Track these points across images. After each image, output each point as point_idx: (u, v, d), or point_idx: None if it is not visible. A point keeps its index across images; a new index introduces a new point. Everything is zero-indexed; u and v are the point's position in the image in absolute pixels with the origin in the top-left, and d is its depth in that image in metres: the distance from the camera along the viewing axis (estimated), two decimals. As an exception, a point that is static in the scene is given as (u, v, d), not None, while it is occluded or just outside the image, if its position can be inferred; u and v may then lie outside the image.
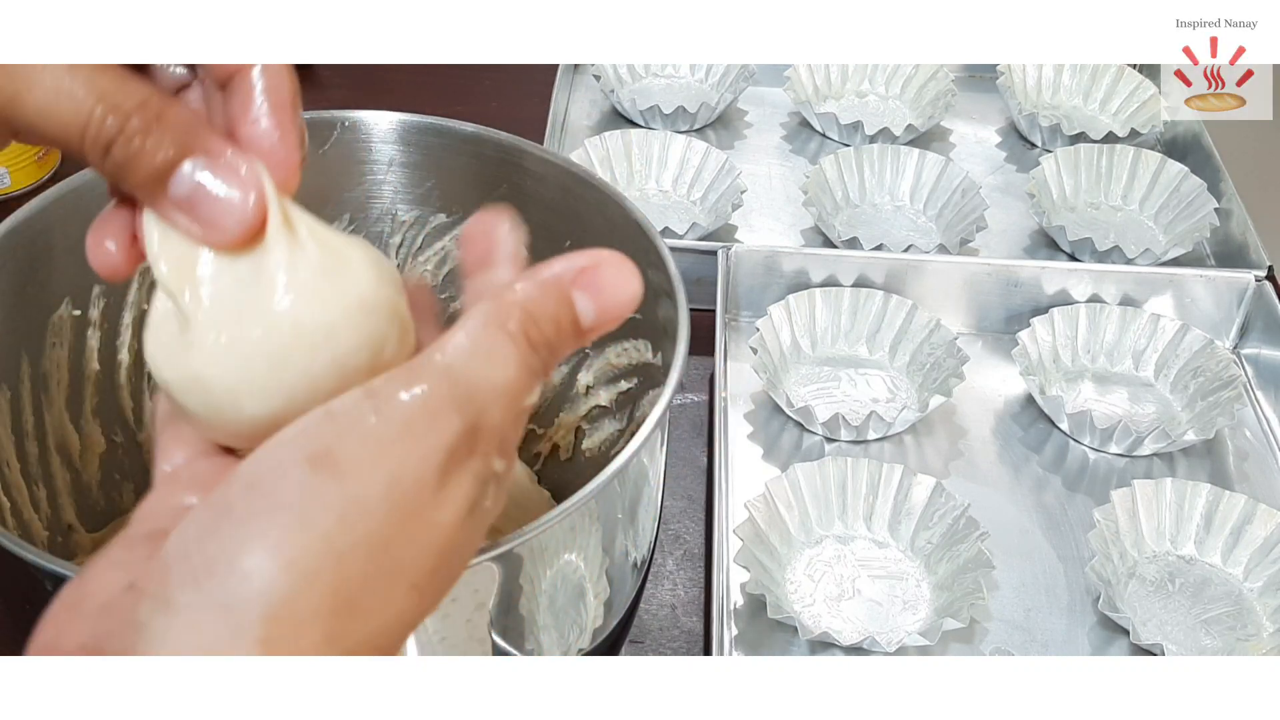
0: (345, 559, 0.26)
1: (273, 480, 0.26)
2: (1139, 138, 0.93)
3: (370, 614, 0.27)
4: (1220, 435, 0.72)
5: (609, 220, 0.53)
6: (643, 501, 0.47)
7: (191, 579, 0.26)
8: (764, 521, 0.63)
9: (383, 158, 0.57)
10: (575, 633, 0.46)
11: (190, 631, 0.25)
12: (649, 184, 0.88)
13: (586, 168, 0.55)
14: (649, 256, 0.50)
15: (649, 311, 0.53)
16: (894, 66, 0.98)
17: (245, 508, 0.26)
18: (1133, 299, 0.77)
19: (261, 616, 0.25)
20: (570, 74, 0.97)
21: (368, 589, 0.27)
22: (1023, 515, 0.67)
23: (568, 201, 0.55)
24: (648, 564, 0.51)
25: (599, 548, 0.44)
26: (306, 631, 0.26)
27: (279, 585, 0.25)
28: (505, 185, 0.57)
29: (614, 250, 0.31)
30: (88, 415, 0.54)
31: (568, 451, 0.61)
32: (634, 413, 0.57)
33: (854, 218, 0.87)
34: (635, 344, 0.55)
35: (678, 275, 0.48)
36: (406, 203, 0.59)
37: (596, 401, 0.59)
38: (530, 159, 0.55)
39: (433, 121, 0.56)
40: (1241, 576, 0.64)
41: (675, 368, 0.45)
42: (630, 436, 0.42)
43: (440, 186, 0.58)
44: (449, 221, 0.59)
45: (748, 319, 0.78)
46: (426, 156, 0.57)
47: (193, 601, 0.25)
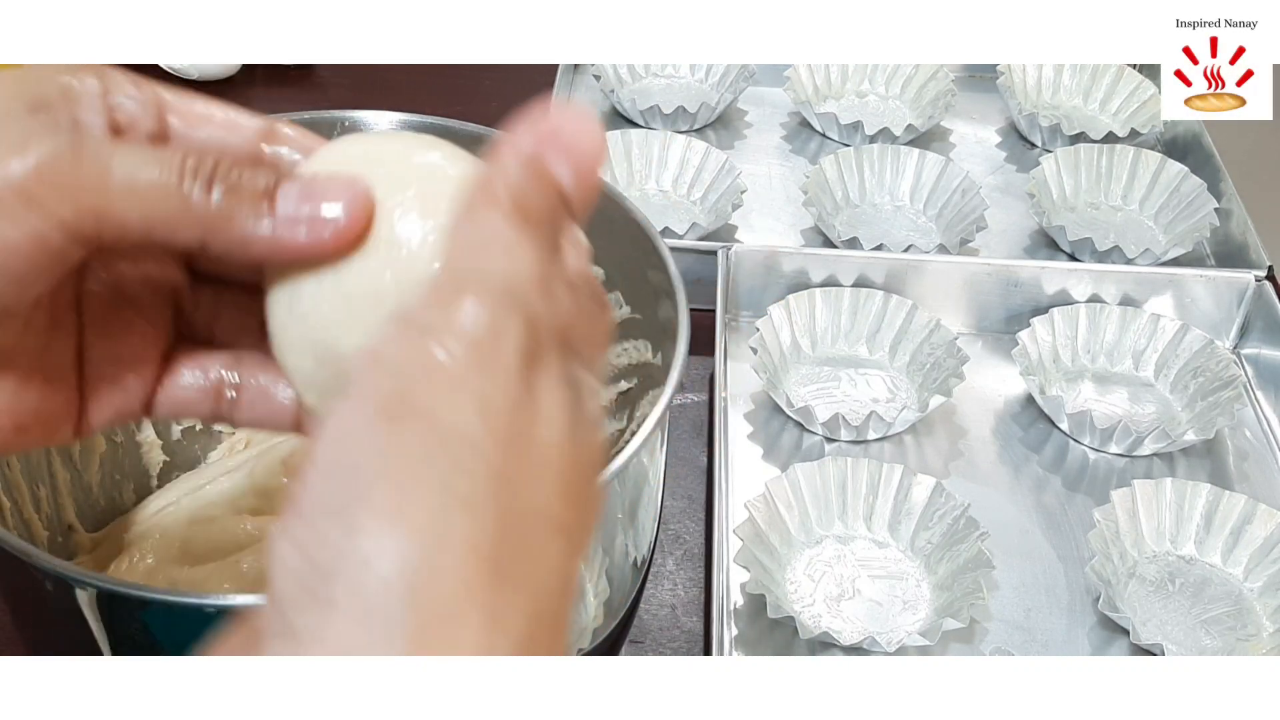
0: (471, 509, 0.22)
1: (352, 453, 0.23)
2: (1139, 138, 0.93)
3: (523, 576, 0.23)
4: (1220, 435, 0.72)
5: (609, 220, 0.53)
6: (643, 501, 0.47)
7: (309, 599, 0.22)
8: (764, 521, 0.63)
9: None
10: (575, 633, 0.46)
11: (333, 651, 0.22)
12: (649, 184, 0.88)
13: None
14: (649, 257, 0.50)
15: (649, 311, 0.53)
16: (894, 66, 0.98)
17: (334, 496, 0.23)
18: (1133, 299, 0.77)
19: (405, 603, 0.22)
20: (570, 74, 0.97)
21: (510, 543, 0.23)
22: (1023, 515, 0.67)
23: None
24: (648, 564, 0.51)
25: (599, 547, 0.44)
26: (465, 613, 0.22)
27: (411, 558, 0.22)
28: None
29: (555, 107, 0.29)
30: None
31: None
32: (634, 412, 0.57)
33: (854, 218, 0.87)
34: (635, 344, 0.55)
35: (678, 275, 0.48)
36: None
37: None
38: None
39: (433, 121, 0.56)
40: (1241, 576, 0.64)
41: (675, 368, 0.45)
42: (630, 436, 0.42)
43: None
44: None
45: (748, 319, 0.78)
46: None
47: (318, 622, 0.22)
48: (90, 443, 0.55)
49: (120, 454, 0.57)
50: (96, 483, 0.56)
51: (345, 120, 0.56)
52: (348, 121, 0.56)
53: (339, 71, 0.99)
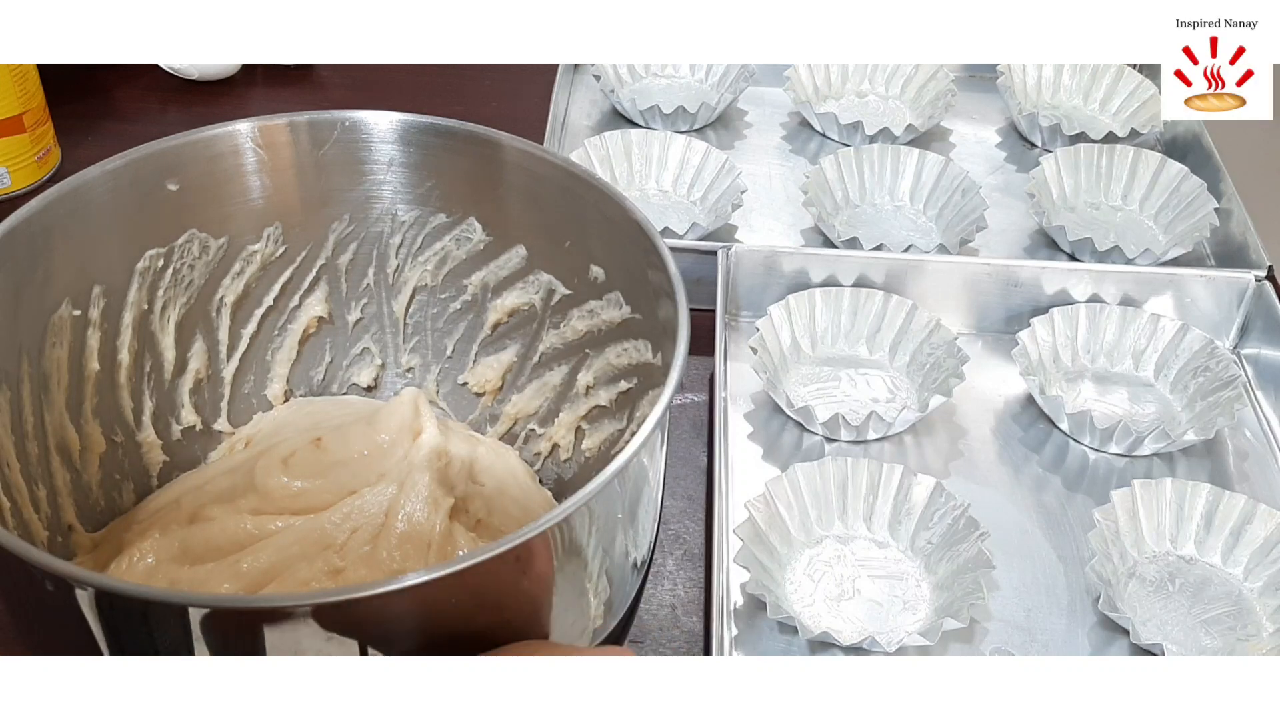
0: None
1: None
2: (1139, 138, 0.93)
3: None
4: (1220, 435, 0.72)
5: (609, 220, 0.53)
6: (643, 501, 0.47)
7: None
8: (764, 521, 0.63)
9: (382, 158, 0.57)
10: (576, 632, 0.46)
11: None
12: (649, 184, 0.88)
13: (586, 168, 0.55)
14: (649, 257, 0.50)
15: (649, 311, 0.53)
16: (894, 66, 0.98)
17: None
18: (1133, 299, 0.77)
19: None
20: (570, 74, 0.97)
21: None
22: (1023, 515, 0.67)
23: (567, 201, 0.55)
24: (648, 564, 0.51)
25: (599, 547, 0.44)
26: None
27: None
28: (504, 185, 0.57)
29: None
30: (88, 415, 0.54)
31: (568, 451, 0.61)
32: (634, 412, 0.57)
33: (854, 218, 0.87)
34: (635, 344, 0.55)
35: (677, 275, 0.48)
36: (406, 203, 0.59)
37: (596, 401, 0.59)
38: (530, 159, 0.55)
39: (433, 121, 0.56)
40: (1241, 576, 0.64)
41: (675, 368, 0.45)
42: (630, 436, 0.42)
43: (440, 187, 0.58)
44: (449, 222, 0.59)
45: (748, 319, 0.78)
46: (426, 156, 0.57)
47: None
48: (90, 442, 0.55)
49: (120, 454, 0.57)
50: (96, 483, 0.56)
51: (345, 120, 0.56)
52: (347, 121, 0.56)
53: (339, 71, 0.99)
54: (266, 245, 0.58)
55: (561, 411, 0.61)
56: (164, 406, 0.58)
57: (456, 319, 0.62)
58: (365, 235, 0.60)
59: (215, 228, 0.56)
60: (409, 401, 0.57)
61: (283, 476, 0.54)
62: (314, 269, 0.60)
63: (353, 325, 0.62)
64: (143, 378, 0.57)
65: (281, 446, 0.56)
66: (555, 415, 0.61)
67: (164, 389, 0.58)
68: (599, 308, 0.57)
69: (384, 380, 0.64)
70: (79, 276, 0.52)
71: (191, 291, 0.57)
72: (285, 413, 0.62)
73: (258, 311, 0.60)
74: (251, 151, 0.55)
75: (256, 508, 0.54)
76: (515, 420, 0.63)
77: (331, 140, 0.57)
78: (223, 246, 0.57)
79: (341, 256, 0.60)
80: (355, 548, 0.51)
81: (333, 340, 0.62)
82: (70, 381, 0.53)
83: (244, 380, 0.61)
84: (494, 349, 0.62)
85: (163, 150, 0.53)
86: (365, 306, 0.62)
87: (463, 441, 0.58)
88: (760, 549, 0.62)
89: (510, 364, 0.62)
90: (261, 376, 0.61)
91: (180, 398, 0.59)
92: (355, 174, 0.58)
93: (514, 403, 0.62)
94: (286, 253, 0.59)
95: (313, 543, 0.51)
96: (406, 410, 0.57)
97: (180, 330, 0.57)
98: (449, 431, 0.58)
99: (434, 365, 0.63)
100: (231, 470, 0.56)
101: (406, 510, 0.52)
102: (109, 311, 0.54)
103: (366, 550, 0.51)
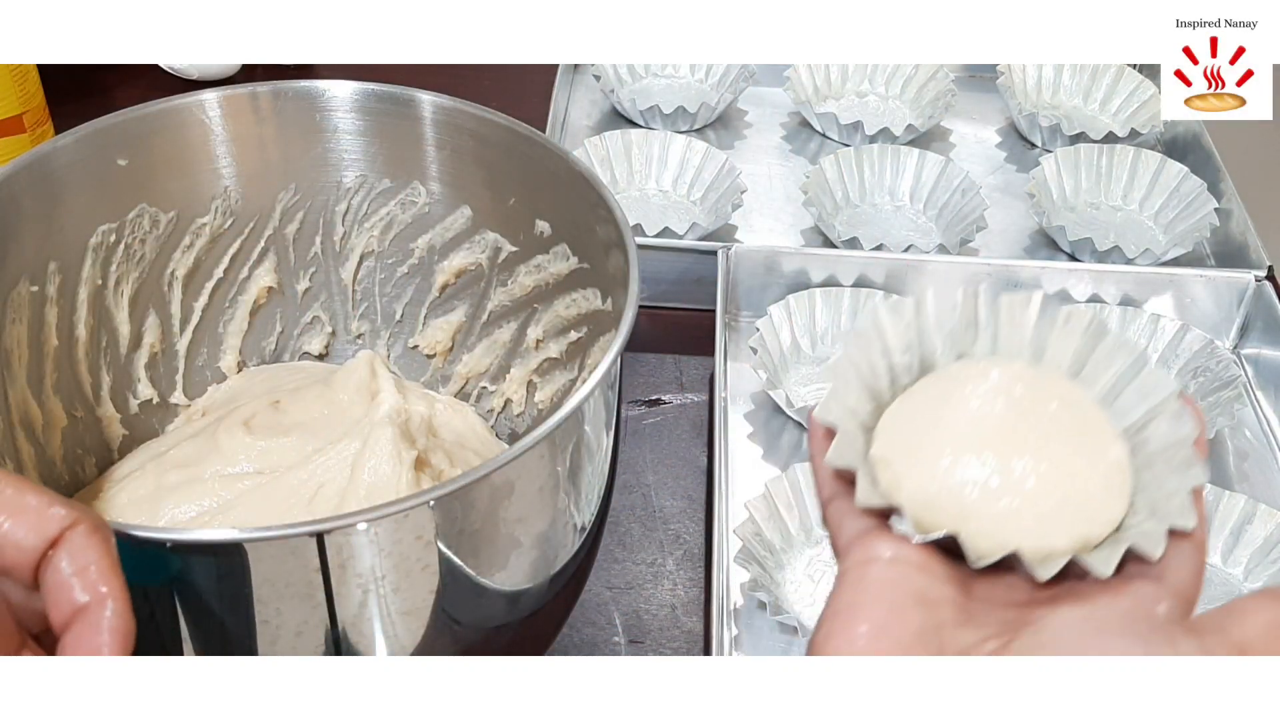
0: None
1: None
2: (1139, 138, 0.93)
3: None
4: (1220, 435, 0.72)
5: (554, 175, 0.54)
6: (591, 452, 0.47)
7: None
8: (764, 521, 0.63)
9: (327, 125, 0.58)
10: (518, 578, 0.46)
11: None
12: (649, 184, 0.88)
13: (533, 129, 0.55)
14: (596, 210, 0.51)
15: (598, 262, 0.53)
16: (894, 66, 0.98)
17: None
18: (1133, 299, 0.77)
19: None
20: (570, 74, 0.97)
21: None
22: (1023, 515, 0.67)
23: (512, 160, 0.56)
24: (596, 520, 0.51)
25: (567, 476, 0.45)
26: None
27: None
28: (449, 148, 0.58)
29: None
30: (49, 391, 0.55)
31: (520, 405, 0.61)
32: (585, 360, 0.57)
33: (854, 218, 0.87)
34: (584, 293, 0.56)
35: (626, 223, 0.49)
36: (351, 170, 0.59)
37: (547, 354, 0.59)
38: (471, 119, 0.56)
39: (374, 88, 0.57)
40: (1241, 576, 0.64)
41: (626, 317, 0.45)
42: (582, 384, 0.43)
43: (384, 152, 0.59)
44: (393, 186, 0.60)
45: (748, 319, 0.78)
46: (370, 123, 0.58)
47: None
48: (51, 418, 0.55)
49: (81, 429, 0.57)
50: (60, 457, 0.56)
51: (287, 90, 0.57)
52: (290, 92, 0.57)
53: (339, 71, 0.99)
54: (215, 217, 0.58)
55: (512, 367, 0.61)
56: (121, 381, 0.59)
57: (404, 283, 0.62)
58: (311, 204, 0.60)
59: (164, 201, 0.57)
60: (365, 362, 0.59)
61: (245, 437, 0.55)
62: (262, 239, 0.60)
63: (302, 294, 0.63)
64: (99, 353, 0.57)
65: (242, 409, 0.57)
66: (506, 372, 0.61)
67: (120, 363, 0.58)
68: (545, 261, 0.57)
69: (335, 347, 0.64)
70: (36, 253, 0.53)
71: (144, 266, 0.57)
72: (240, 381, 0.62)
73: (208, 284, 0.60)
74: (197, 125, 0.56)
75: (220, 470, 0.54)
76: (467, 379, 0.63)
77: (275, 110, 0.57)
78: (172, 220, 0.57)
79: (289, 226, 0.60)
80: (323, 502, 0.52)
81: (283, 310, 0.63)
82: (31, 358, 0.54)
83: (198, 353, 0.61)
84: (443, 310, 0.62)
85: (110, 125, 0.54)
86: (314, 275, 0.62)
87: (419, 399, 0.59)
88: (760, 549, 0.62)
89: (460, 324, 0.62)
90: (214, 348, 0.62)
91: (136, 372, 0.59)
92: (299, 143, 0.58)
93: (465, 362, 0.63)
94: (234, 224, 0.59)
95: (280, 499, 0.52)
96: (363, 371, 0.58)
97: (134, 305, 0.58)
98: (406, 390, 0.59)
99: (384, 330, 0.64)
100: (194, 436, 0.57)
101: (371, 464, 0.52)
102: (65, 288, 0.54)
103: (335, 504, 0.52)
